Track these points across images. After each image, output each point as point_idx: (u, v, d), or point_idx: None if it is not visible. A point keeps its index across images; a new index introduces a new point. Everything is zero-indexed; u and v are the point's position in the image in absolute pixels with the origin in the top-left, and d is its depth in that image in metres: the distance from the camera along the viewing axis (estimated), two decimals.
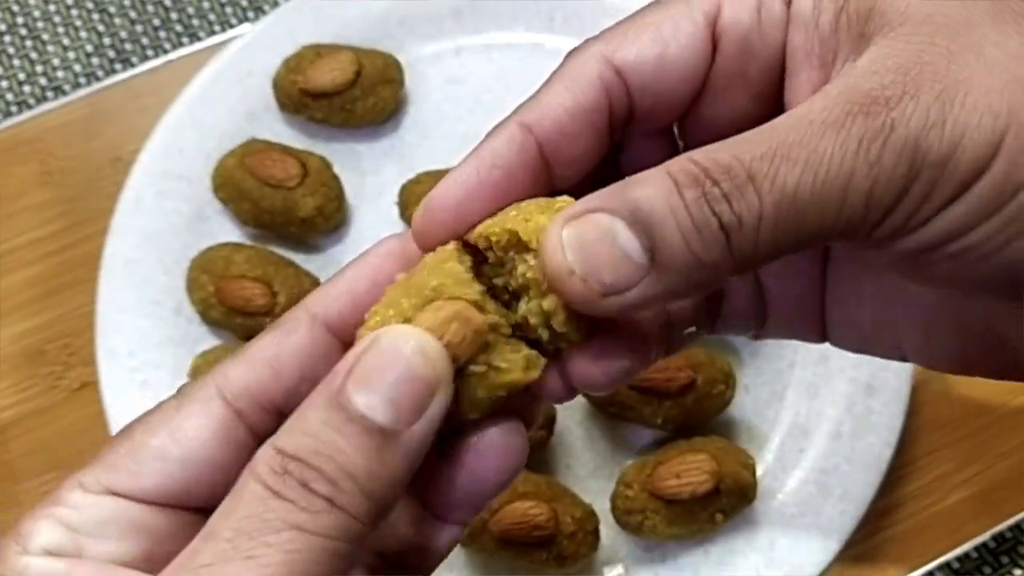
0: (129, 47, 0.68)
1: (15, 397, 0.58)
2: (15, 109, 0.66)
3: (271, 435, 0.25)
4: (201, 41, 0.67)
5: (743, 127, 0.25)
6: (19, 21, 0.69)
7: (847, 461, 0.54)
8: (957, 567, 0.55)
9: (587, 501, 0.53)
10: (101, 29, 0.69)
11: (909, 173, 0.23)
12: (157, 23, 0.69)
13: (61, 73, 0.67)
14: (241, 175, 0.57)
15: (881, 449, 0.54)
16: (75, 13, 0.69)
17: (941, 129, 0.23)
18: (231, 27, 0.68)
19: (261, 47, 0.62)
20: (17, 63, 0.68)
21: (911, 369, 0.55)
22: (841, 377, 0.55)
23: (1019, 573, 0.56)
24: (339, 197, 0.59)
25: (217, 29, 0.68)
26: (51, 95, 0.67)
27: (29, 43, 0.68)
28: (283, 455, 0.23)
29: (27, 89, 0.67)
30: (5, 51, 0.68)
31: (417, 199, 0.57)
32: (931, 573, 0.54)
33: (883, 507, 0.55)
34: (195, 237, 0.59)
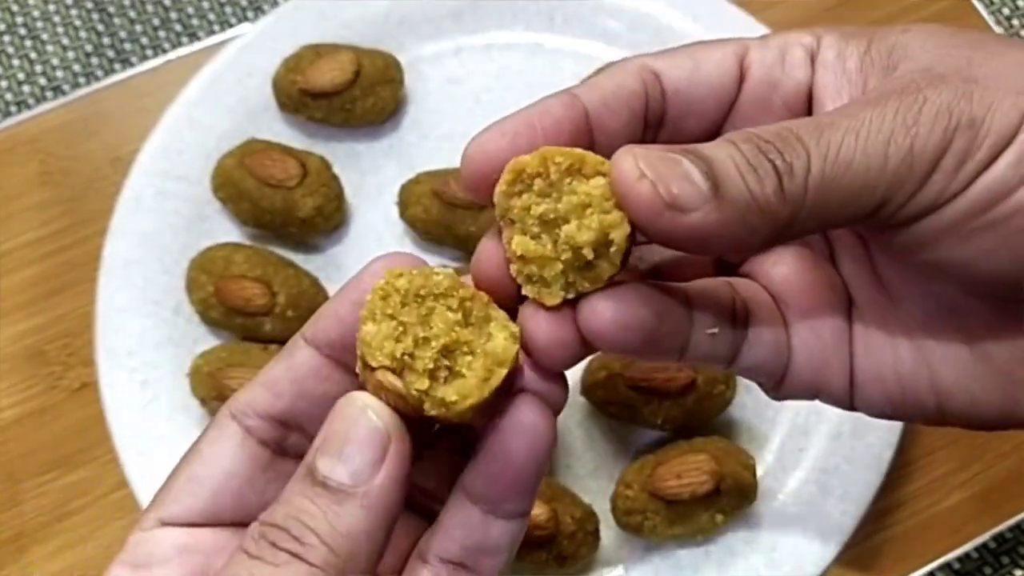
0: (128, 47, 0.68)
1: (15, 397, 0.58)
2: (14, 109, 0.66)
3: (280, 444, 0.30)
4: (200, 41, 0.67)
5: None
6: (18, 21, 0.69)
7: (847, 461, 0.54)
8: (958, 567, 0.55)
9: (587, 501, 0.53)
10: (100, 29, 0.69)
11: (945, 134, 0.26)
12: (156, 23, 0.69)
13: (60, 73, 0.67)
14: (241, 175, 0.57)
15: (881, 449, 0.54)
16: (74, 13, 0.69)
17: (969, 101, 0.26)
18: (231, 27, 0.68)
19: (261, 47, 0.62)
20: (16, 63, 0.68)
21: None
22: None
23: (1020, 574, 0.56)
24: (339, 197, 0.59)
25: (217, 29, 0.68)
26: (50, 95, 0.67)
27: (28, 43, 0.68)
28: (263, 525, 0.26)
29: (26, 89, 0.67)
30: (4, 51, 0.68)
31: (417, 199, 0.57)
32: (931, 573, 0.54)
33: (883, 507, 0.55)
34: (195, 237, 0.59)
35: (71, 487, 0.56)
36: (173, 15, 0.69)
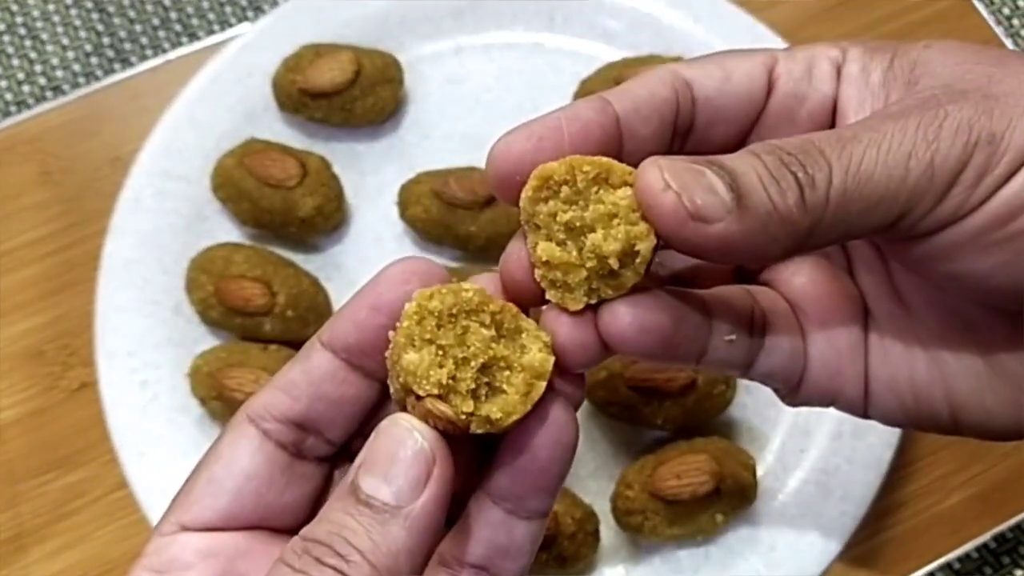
0: (128, 47, 0.68)
1: (15, 397, 0.58)
2: (14, 109, 0.66)
3: (298, 447, 0.30)
4: (200, 41, 0.67)
5: None
6: (18, 21, 0.69)
7: (848, 461, 0.54)
8: (958, 568, 0.55)
9: (587, 502, 0.53)
10: (100, 29, 0.68)
11: (965, 149, 0.26)
12: (156, 23, 0.69)
13: (60, 73, 0.67)
14: (240, 175, 0.57)
15: (882, 450, 0.54)
16: (74, 13, 0.69)
17: (989, 117, 0.27)
18: (230, 27, 0.68)
19: (260, 47, 0.62)
20: (16, 63, 0.68)
21: None
22: None
23: (1020, 574, 0.56)
24: (338, 197, 0.59)
25: (216, 29, 0.68)
26: (50, 95, 0.67)
27: (28, 43, 0.68)
28: (305, 540, 0.26)
29: (26, 89, 0.67)
30: (4, 51, 0.68)
31: (417, 199, 0.57)
32: (932, 573, 0.54)
33: (884, 507, 0.55)
34: (194, 237, 0.59)
35: (70, 487, 0.56)
36: (173, 15, 0.69)
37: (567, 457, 0.29)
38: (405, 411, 0.28)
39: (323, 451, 0.31)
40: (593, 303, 0.28)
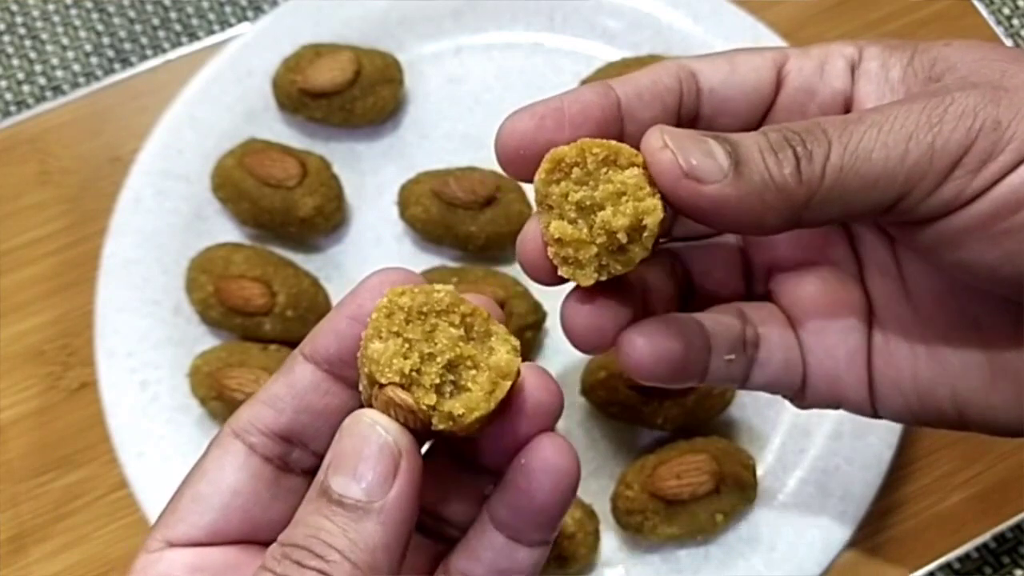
0: (128, 47, 0.68)
1: (15, 397, 0.58)
2: (14, 109, 0.66)
3: (284, 460, 0.30)
4: (200, 41, 0.67)
5: None
6: (18, 21, 0.69)
7: (847, 461, 0.54)
8: (958, 567, 0.55)
9: (587, 501, 0.53)
10: (100, 29, 0.68)
11: (968, 134, 0.26)
12: (156, 23, 0.69)
13: (60, 73, 0.67)
14: (240, 175, 0.57)
15: (881, 449, 0.54)
16: (74, 13, 0.69)
17: (996, 105, 0.27)
18: (230, 26, 0.68)
19: (260, 47, 0.62)
20: (16, 63, 0.68)
21: None
22: None
23: (1020, 574, 0.56)
24: (338, 197, 0.59)
25: (216, 29, 0.68)
26: (50, 95, 0.67)
27: (28, 43, 0.68)
28: (283, 545, 0.27)
29: (26, 89, 0.67)
30: (4, 51, 0.68)
31: (417, 199, 0.57)
32: (932, 574, 0.54)
33: (884, 507, 0.55)
34: (194, 237, 0.59)
35: (70, 487, 0.56)
36: (173, 15, 0.69)
37: (566, 499, 0.29)
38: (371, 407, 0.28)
39: (308, 463, 0.31)
40: (603, 279, 0.29)
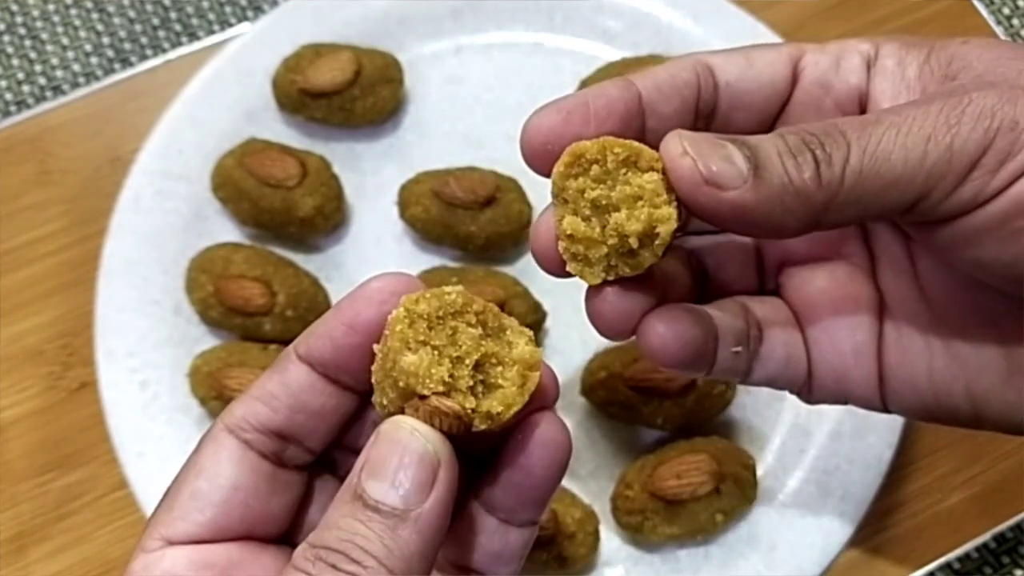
0: (128, 47, 0.68)
1: (14, 397, 0.58)
2: (14, 109, 0.66)
3: (279, 456, 0.30)
4: (200, 40, 0.67)
5: None
6: (18, 21, 0.69)
7: (848, 461, 0.54)
8: (958, 567, 0.55)
9: (587, 501, 0.53)
10: (100, 29, 0.68)
11: (986, 134, 0.26)
12: (156, 23, 0.69)
13: (60, 73, 0.67)
14: (240, 175, 0.57)
15: (882, 449, 0.54)
16: (74, 13, 0.69)
17: (1014, 105, 0.27)
18: (230, 26, 0.68)
19: (260, 46, 0.62)
20: (16, 63, 0.68)
21: None
22: None
23: (1020, 573, 0.56)
24: (338, 197, 0.59)
25: (216, 28, 0.68)
26: (50, 95, 0.67)
27: (28, 43, 0.68)
28: (315, 547, 0.26)
29: (26, 89, 0.67)
30: (4, 51, 0.68)
31: (417, 199, 0.57)
32: (932, 574, 0.54)
33: (884, 507, 0.55)
34: (194, 237, 0.59)
35: (70, 487, 0.56)
36: (173, 15, 0.69)
37: (561, 473, 0.29)
38: (403, 414, 0.28)
39: (303, 459, 0.31)
40: (610, 280, 0.29)
